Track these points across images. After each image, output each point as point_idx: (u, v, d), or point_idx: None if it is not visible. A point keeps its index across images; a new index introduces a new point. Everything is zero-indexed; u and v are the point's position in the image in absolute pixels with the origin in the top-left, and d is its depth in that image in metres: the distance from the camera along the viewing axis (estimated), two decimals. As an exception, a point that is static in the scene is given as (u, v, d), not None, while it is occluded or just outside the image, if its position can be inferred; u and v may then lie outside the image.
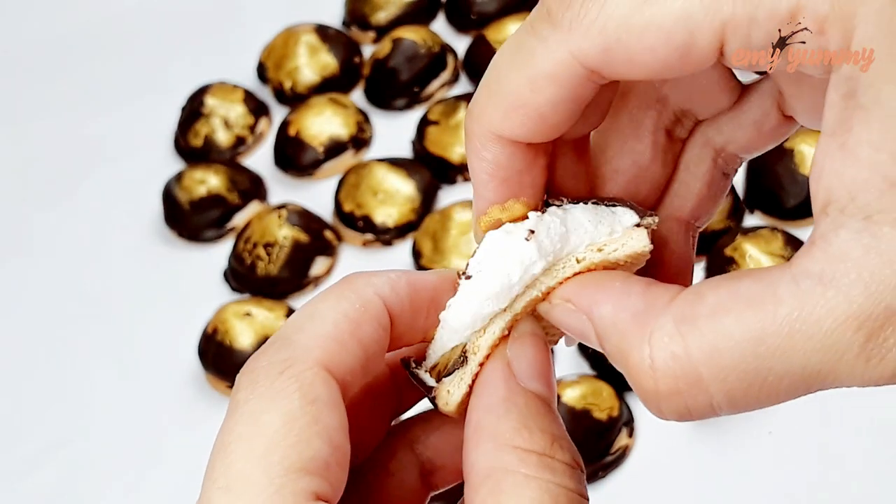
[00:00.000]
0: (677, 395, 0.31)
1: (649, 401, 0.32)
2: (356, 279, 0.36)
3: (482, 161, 0.37)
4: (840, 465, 0.76)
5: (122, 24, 1.18)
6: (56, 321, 0.96)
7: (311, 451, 0.32)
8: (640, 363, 0.32)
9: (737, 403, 0.31)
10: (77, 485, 0.86)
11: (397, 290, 0.36)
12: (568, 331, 0.36)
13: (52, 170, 1.07)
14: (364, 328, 0.35)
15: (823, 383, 0.31)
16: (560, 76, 0.34)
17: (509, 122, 0.35)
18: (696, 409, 0.32)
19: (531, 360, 0.36)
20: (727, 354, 0.31)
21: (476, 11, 1.08)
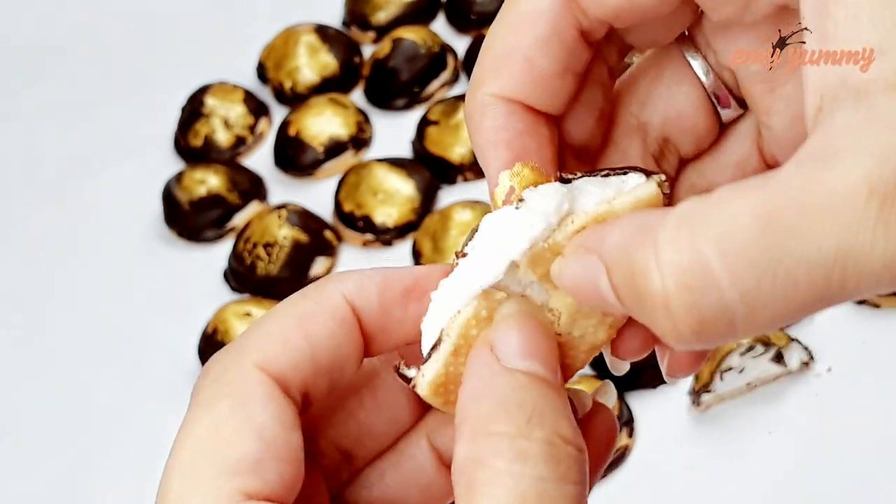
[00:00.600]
0: (687, 292, 0.29)
1: (658, 311, 0.29)
2: (326, 280, 0.36)
3: (483, 129, 0.36)
4: (840, 465, 0.76)
5: (122, 23, 1.18)
6: (56, 320, 0.96)
7: (237, 451, 0.32)
8: (646, 266, 0.29)
9: (753, 302, 0.28)
10: (77, 485, 0.86)
11: (363, 287, 0.36)
12: (583, 292, 0.33)
13: (53, 170, 1.07)
14: (313, 324, 0.35)
15: (845, 269, 0.28)
16: (542, 10, 0.34)
17: (500, 75, 0.35)
18: (709, 311, 0.28)
19: (518, 339, 0.33)
20: (735, 238, 0.28)
21: (476, 11, 1.08)
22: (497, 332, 0.33)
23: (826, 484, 0.75)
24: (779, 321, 0.29)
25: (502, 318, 0.34)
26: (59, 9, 1.21)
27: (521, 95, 0.35)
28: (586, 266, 0.32)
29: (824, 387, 0.80)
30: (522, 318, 0.34)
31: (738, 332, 0.29)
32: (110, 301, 0.96)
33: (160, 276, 0.98)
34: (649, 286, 0.29)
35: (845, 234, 0.28)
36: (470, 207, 0.90)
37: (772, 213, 0.28)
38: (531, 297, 0.35)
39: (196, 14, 1.17)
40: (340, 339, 0.35)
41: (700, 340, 0.29)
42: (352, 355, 0.35)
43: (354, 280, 0.36)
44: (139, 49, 1.16)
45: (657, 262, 0.29)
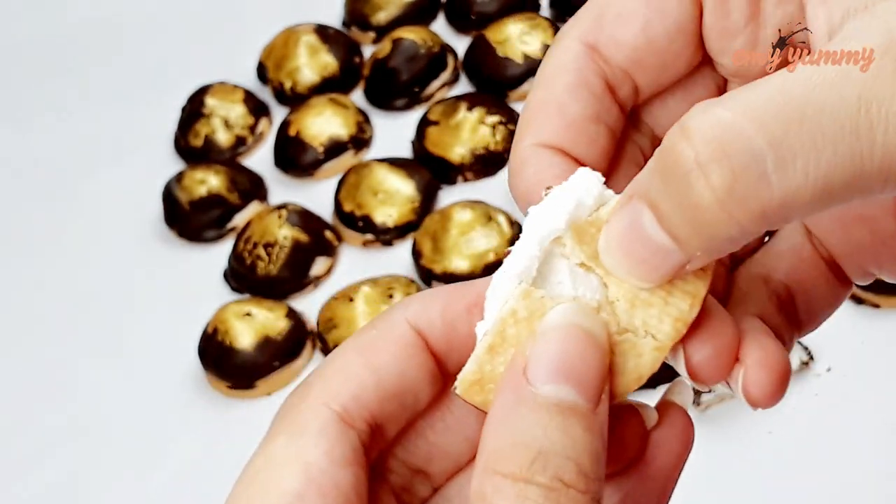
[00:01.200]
0: (717, 144, 0.29)
1: (692, 176, 0.29)
2: (391, 308, 0.36)
3: (525, 176, 0.36)
4: (840, 464, 0.76)
5: (122, 23, 1.18)
6: (56, 320, 0.96)
7: (281, 487, 0.33)
8: (676, 147, 0.30)
9: (781, 149, 0.29)
10: (77, 484, 0.86)
11: (426, 308, 0.36)
12: (630, 245, 0.32)
13: (53, 169, 1.07)
14: (376, 353, 0.35)
15: (869, 113, 0.29)
16: (568, 62, 0.35)
17: (535, 125, 0.36)
18: (739, 161, 0.29)
19: (554, 356, 0.32)
20: (759, 98, 0.29)
21: (476, 12, 1.08)
22: (534, 347, 0.32)
23: (826, 484, 0.75)
24: (813, 181, 0.29)
25: (543, 331, 0.33)
26: (59, 9, 1.21)
27: (557, 141, 0.36)
28: (628, 213, 0.32)
29: (824, 386, 0.80)
30: (565, 332, 0.33)
31: (773, 189, 0.29)
32: (110, 301, 0.96)
33: (160, 276, 0.98)
34: (681, 157, 0.29)
35: (866, 84, 0.28)
36: (470, 207, 0.90)
37: (793, 78, 0.29)
38: (583, 298, 0.34)
39: (196, 14, 1.17)
40: (405, 364, 0.35)
41: (737, 201, 0.29)
42: (422, 378, 0.36)
43: (417, 303, 0.36)
44: (139, 49, 1.16)
45: (687, 137, 0.29)
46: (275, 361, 0.87)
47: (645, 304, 0.33)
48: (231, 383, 0.88)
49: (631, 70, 0.36)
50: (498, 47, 1.02)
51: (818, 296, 0.38)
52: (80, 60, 1.16)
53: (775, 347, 0.35)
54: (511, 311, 0.33)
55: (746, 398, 0.34)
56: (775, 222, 0.30)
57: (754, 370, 0.34)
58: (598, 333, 0.33)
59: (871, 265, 0.37)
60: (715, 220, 0.30)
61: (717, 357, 0.34)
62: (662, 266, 0.32)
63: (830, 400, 0.79)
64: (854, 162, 0.29)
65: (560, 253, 0.34)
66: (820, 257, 0.38)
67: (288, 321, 0.88)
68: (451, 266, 0.89)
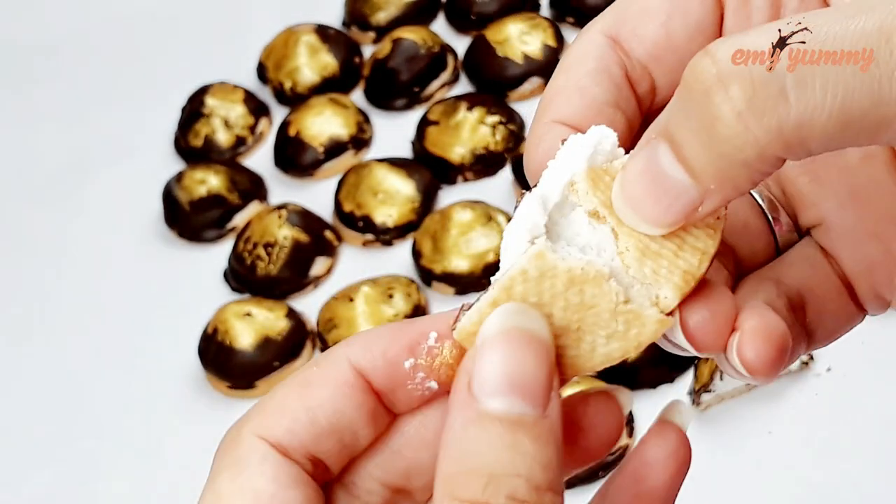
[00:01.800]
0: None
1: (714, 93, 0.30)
2: (335, 346, 0.37)
3: (541, 148, 0.36)
4: (840, 464, 0.76)
5: (122, 24, 1.18)
6: (56, 321, 0.96)
7: None
8: (697, 61, 0.30)
9: (801, 68, 0.29)
10: (77, 484, 0.86)
11: (368, 347, 0.36)
12: (648, 185, 0.32)
13: (53, 170, 1.07)
14: (313, 390, 0.35)
15: (891, 41, 0.29)
16: (590, 50, 0.36)
17: (556, 105, 0.36)
18: (759, 77, 0.29)
19: (494, 369, 0.32)
20: (780, 24, 0.29)
21: (476, 12, 1.08)
22: (476, 360, 0.32)
23: (826, 483, 0.76)
24: (831, 102, 0.29)
25: (483, 342, 0.32)
26: (59, 9, 1.21)
27: (575, 119, 0.36)
28: (645, 152, 0.32)
29: (824, 386, 0.80)
30: (504, 338, 0.32)
31: (790, 105, 0.29)
32: (110, 301, 0.96)
33: (160, 276, 0.98)
34: (703, 74, 0.30)
35: (888, 16, 0.28)
36: (470, 207, 0.90)
37: (813, 14, 0.29)
38: (594, 262, 0.33)
39: (196, 14, 1.17)
40: (342, 403, 0.35)
41: (756, 115, 0.29)
42: (360, 417, 0.35)
43: (360, 343, 0.36)
44: (140, 49, 1.16)
45: (710, 56, 0.30)
46: (275, 361, 0.87)
47: (655, 255, 0.33)
48: (231, 383, 0.88)
49: (650, 66, 0.37)
50: (498, 47, 1.02)
51: (830, 308, 0.37)
52: (80, 61, 1.16)
53: (774, 318, 0.34)
54: (521, 270, 0.33)
55: (742, 363, 0.34)
56: (793, 146, 0.30)
57: (750, 335, 0.33)
58: (538, 330, 0.33)
59: (883, 288, 0.37)
60: (732, 136, 0.30)
61: (713, 320, 0.34)
62: (676, 204, 0.32)
63: (830, 400, 0.79)
64: (872, 89, 0.29)
65: (575, 202, 0.34)
66: (833, 271, 0.38)
67: (288, 321, 0.88)
68: (451, 266, 0.89)
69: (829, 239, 0.37)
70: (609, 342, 0.34)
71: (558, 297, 0.33)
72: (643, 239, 0.33)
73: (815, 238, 0.38)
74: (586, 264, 0.33)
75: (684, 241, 0.33)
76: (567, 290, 0.33)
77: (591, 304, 0.33)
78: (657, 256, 0.33)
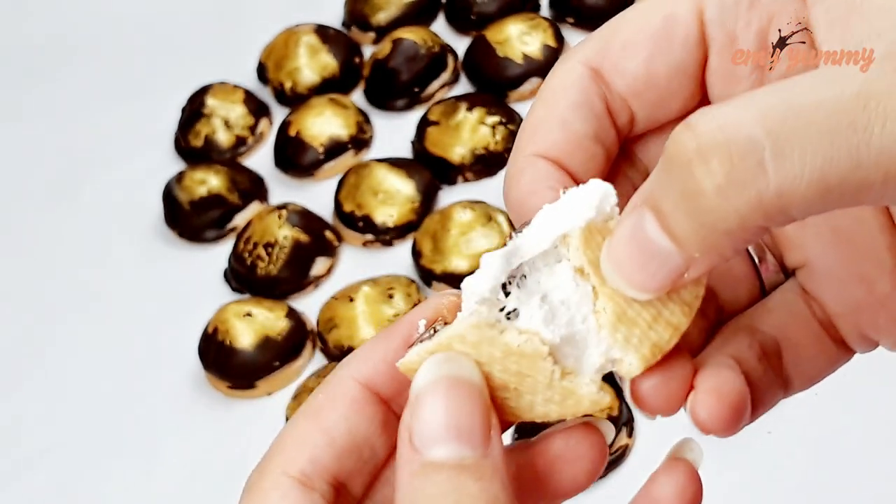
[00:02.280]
0: (719, 133, 0.30)
1: (694, 164, 0.30)
2: (335, 369, 0.37)
3: (523, 183, 0.36)
4: (840, 464, 0.76)
5: (122, 24, 1.18)
6: (56, 321, 0.96)
7: None
8: (678, 134, 0.30)
9: (778, 139, 0.29)
10: (77, 484, 0.86)
11: (367, 359, 0.36)
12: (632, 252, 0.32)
13: (54, 170, 1.07)
14: (325, 414, 0.36)
15: (867, 108, 0.29)
16: (573, 81, 0.36)
17: (537, 137, 0.36)
18: (738, 149, 0.29)
19: (430, 420, 0.32)
20: (757, 96, 0.30)
21: (476, 12, 1.08)
22: (413, 415, 0.33)
23: (825, 483, 0.76)
24: (810, 172, 0.29)
25: (416, 395, 0.33)
26: (59, 10, 1.21)
27: (556, 154, 0.36)
28: (630, 219, 0.32)
29: (823, 386, 0.80)
30: (435, 388, 0.33)
31: (769, 177, 0.29)
32: (110, 301, 0.96)
33: (160, 276, 0.98)
34: (683, 147, 0.30)
35: (865, 81, 0.29)
36: (470, 208, 0.90)
37: (794, 80, 0.30)
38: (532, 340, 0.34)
39: (197, 15, 1.17)
40: (355, 419, 0.36)
41: (736, 188, 0.29)
42: (374, 429, 0.36)
43: (358, 357, 0.37)
44: (140, 49, 1.16)
45: (690, 129, 0.30)
46: (275, 361, 0.87)
47: (630, 322, 0.34)
48: (231, 383, 0.88)
49: (630, 100, 0.37)
50: (498, 47, 1.02)
51: (808, 354, 0.38)
52: (80, 60, 1.16)
53: (732, 378, 0.35)
54: (460, 335, 0.34)
55: (695, 423, 0.35)
56: (774, 215, 0.30)
57: (704, 395, 0.34)
58: (467, 375, 0.33)
59: (869, 329, 0.38)
60: (714, 207, 0.30)
61: (665, 386, 0.34)
62: (661, 271, 0.32)
63: (830, 399, 0.79)
64: (851, 154, 0.29)
65: (564, 254, 0.34)
66: (814, 316, 0.38)
67: (288, 321, 0.88)
68: (451, 266, 0.89)
69: (813, 280, 0.38)
70: (547, 405, 0.34)
71: (496, 361, 0.34)
72: (622, 304, 0.34)
73: (799, 279, 0.38)
74: (524, 342, 0.34)
75: (660, 313, 0.34)
76: (505, 358, 0.34)
77: (527, 374, 0.34)
78: (632, 324, 0.34)
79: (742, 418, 0.35)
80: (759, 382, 0.36)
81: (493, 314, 0.34)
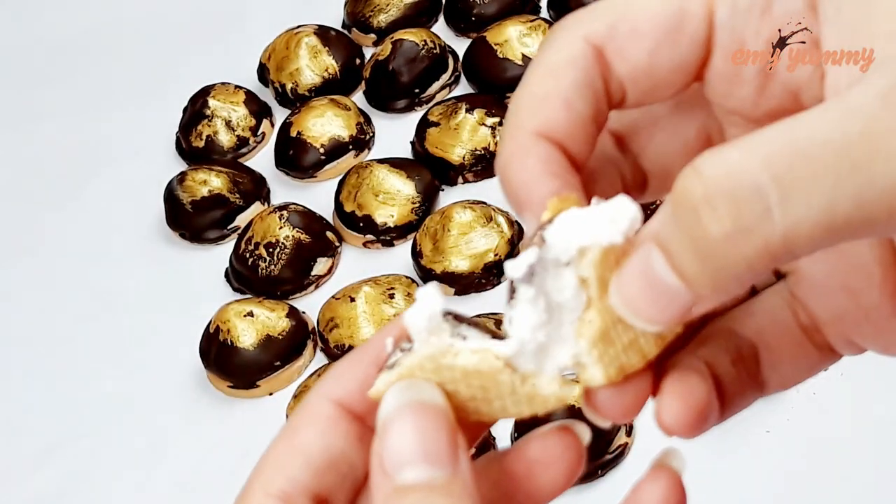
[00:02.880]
0: (726, 180, 0.30)
1: (701, 210, 0.30)
2: (310, 389, 0.38)
3: (528, 165, 0.36)
4: (838, 464, 0.76)
5: (124, 26, 1.19)
6: (59, 321, 0.96)
7: None
8: (685, 178, 0.30)
9: (784, 185, 0.29)
10: (78, 483, 0.86)
11: (340, 378, 0.37)
12: (641, 291, 0.33)
13: (56, 171, 1.07)
14: (301, 435, 0.36)
15: (869, 148, 0.29)
16: (577, 58, 0.36)
17: (540, 114, 0.36)
18: (744, 194, 0.30)
19: (397, 445, 0.33)
20: (763, 140, 0.30)
21: (476, 14, 1.08)
22: (381, 443, 0.34)
23: (824, 483, 0.76)
24: (816, 214, 0.29)
25: (382, 423, 0.34)
26: (60, 11, 1.21)
27: (559, 135, 0.36)
28: (640, 257, 0.33)
29: (822, 385, 0.80)
30: (400, 415, 0.34)
31: (775, 222, 0.30)
32: (112, 301, 0.97)
33: (162, 276, 0.98)
34: (691, 193, 0.30)
35: (869, 119, 0.29)
36: (470, 208, 0.90)
37: (799, 119, 0.30)
38: (487, 357, 0.34)
39: (198, 16, 1.18)
40: (330, 436, 0.36)
41: (743, 234, 0.30)
42: (350, 444, 0.36)
43: (330, 377, 0.37)
44: (141, 51, 1.16)
45: (698, 175, 0.30)
46: (276, 361, 0.87)
47: (609, 342, 0.34)
48: (232, 383, 0.88)
49: (627, 84, 0.37)
50: (498, 49, 1.02)
51: (787, 359, 0.38)
52: (82, 62, 1.16)
53: (697, 382, 0.35)
54: (419, 364, 0.35)
55: (658, 423, 0.35)
56: (781, 257, 0.30)
57: (667, 399, 0.35)
58: (429, 398, 0.34)
59: (855, 336, 0.38)
60: (722, 253, 0.30)
61: (618, 396, 0.35)
62: (670, 307, 0.32)
63: (828, 399, 0.80)
64: (855, 192, 0.29)
65: (576, 262, 0.34)
66: (796, 321, 0.38)
67: (289, 321, 0.88)
68: (451, 266, 0.89)
69: (801, 287, 0.38)
70: (517, 406, 0.35)
71: (459, 380, 0.35)
72: (608, 323, 0.34)
73: (789, 284, 0.38)
74: (478, 362, 0.34)
75: (636, 340, 0.35)
76: (465, 377, 0.35)
77: (490, 387, 0.35)
78: (609, 343, 0.34)
79: (705, 422, 0.36)
80: (730, 386, 0.37)
81: (444, 341, 0.35)
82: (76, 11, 1.20)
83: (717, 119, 0.38)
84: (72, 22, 1.20)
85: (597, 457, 0.77)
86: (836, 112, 0.30)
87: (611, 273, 0.34)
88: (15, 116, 1.13)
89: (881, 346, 0.38)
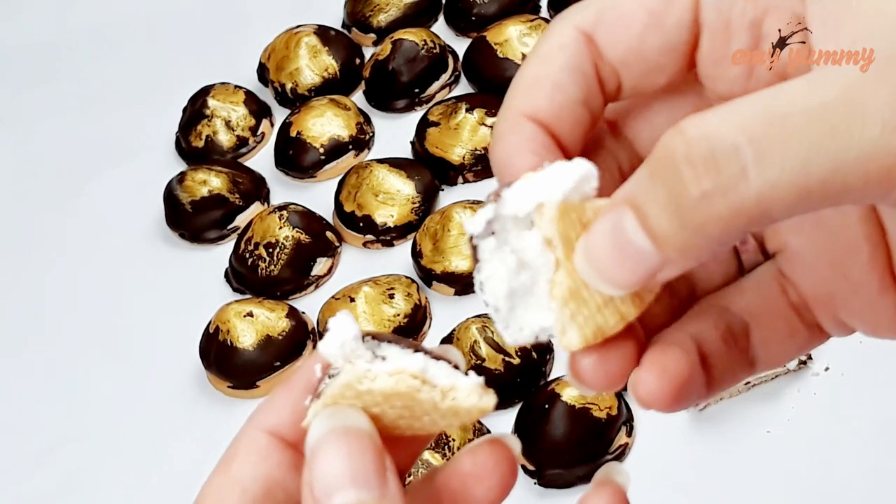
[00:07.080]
0: (703, 142, 0.30)
1: (680, 167, 0.31)
2: (245, 421, 0.38)
3: (511, 140, 0.37)
4: (838, 464, 0.76)
5: (124, 26, 1.19)
6: (58, 321, 0.97)
7: None
8: (669, 138, 0.31)
9: (759, 147, 0.30)
10: (78, 484, 0.86)
11: (272, 409, 0.37)
12: (610, 252, 0.33)
13: (55, 171, 1.07)
14: (237, 469, 0.37)
15: (848, 114, 0.30)
16: (567, 44, 0.37)
17: (530, 96, 0.37)
18: (722, 154, 0.30)
19: (325, 472, 0.33)
20: (743, 105, 0.30)
21: (476, 13, 1.08)
22: (310, 471, 0.34)
23: (824, 483, 0.76)
24: (790, 176, 0.30)
25: (310, 452, 0.34)
26: (60, 11, 1.21)
27: (546, 116, 0.37)
28: (610, 217, 0.33)
29: (822, 386, 0.80)
30: (325, 442, 0.34)
31: (750, 182, 0.30)
32: (112, 301, 0.97)
33: (162, 276, 0.98)
34: (673, 152, 0.31)
35: (847, 87, 0.29)
36: (470, 208, 0.90)
37: (781, 87, 0.30)
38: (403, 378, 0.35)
39: (198, 16, 1.18)
40: (262, 466, 0.36)
41: (720, 193, 0.30)
42: (283, 472, 0.37)
43: (261, 408, 0.38)
44: (141, 51, 1.16)
45: (681, 134, 0.31)
46: (276, 361, 0.87)
47: (581, 301, 0.34)
48: (232, 383, 0.88)
49: (620, 69, 0.37)
50: (498, 48, 1.02)
51: (777, 337, 0.38)
52: (82, 63, 1.16)
53: (678, 355, 0.35)
54: (340, 393, 0.35)
55: (633, 395, 0.35)
56: (756, 218, 0.31)
57: (646, 371, 0.35)
58: (354, 423, 0.35)
59: (844, 314, 0.38)
60: (698, 212, 0.31)
61: (602, 363, 0.35)
62: (637, 269, 0.33)
63: (828, 399, 0.80)
64: (830, 157, 0.30)
65: (537, 222, 0.35)
66: (786, 299, 0.38)
67: (289, 321, 0.88)
68: (451, 266, 0.89)
69: (791, 266, 0.38)
70: (445, 419, 0.36)
71: (382, 404, 0.35)
72: (578, 282, 0.34)
73: (778, 263, 0.39)
74: (396, 383, 0.35)
75: (612, 299, 0.34)
76: (387, 400, 0.35)
77: (413, 405, 0.35)
78: (582, 303, 0.34)
79: (685, 396, 0.36)
80: (718, 362, 0.37)
81: (359, 368, 0.35)
82: (76, 11, 1.20)
83: (709, 103, 0.38)
84: (72, 22, 1.20)
85: (597, 457, 0.77)
86: (816, 81, 0.30)
87: (577, 234, 0.34)
88: (14, 116, 1.13)
89: (869, 324, 0.38)
